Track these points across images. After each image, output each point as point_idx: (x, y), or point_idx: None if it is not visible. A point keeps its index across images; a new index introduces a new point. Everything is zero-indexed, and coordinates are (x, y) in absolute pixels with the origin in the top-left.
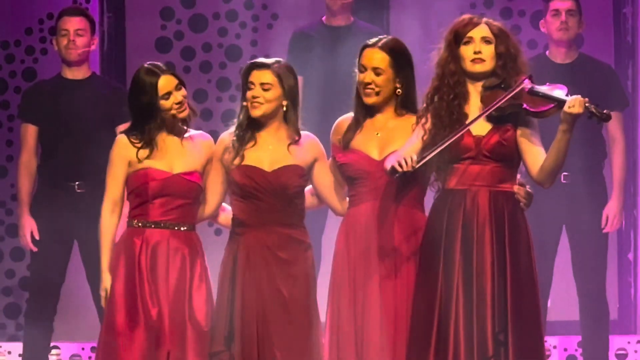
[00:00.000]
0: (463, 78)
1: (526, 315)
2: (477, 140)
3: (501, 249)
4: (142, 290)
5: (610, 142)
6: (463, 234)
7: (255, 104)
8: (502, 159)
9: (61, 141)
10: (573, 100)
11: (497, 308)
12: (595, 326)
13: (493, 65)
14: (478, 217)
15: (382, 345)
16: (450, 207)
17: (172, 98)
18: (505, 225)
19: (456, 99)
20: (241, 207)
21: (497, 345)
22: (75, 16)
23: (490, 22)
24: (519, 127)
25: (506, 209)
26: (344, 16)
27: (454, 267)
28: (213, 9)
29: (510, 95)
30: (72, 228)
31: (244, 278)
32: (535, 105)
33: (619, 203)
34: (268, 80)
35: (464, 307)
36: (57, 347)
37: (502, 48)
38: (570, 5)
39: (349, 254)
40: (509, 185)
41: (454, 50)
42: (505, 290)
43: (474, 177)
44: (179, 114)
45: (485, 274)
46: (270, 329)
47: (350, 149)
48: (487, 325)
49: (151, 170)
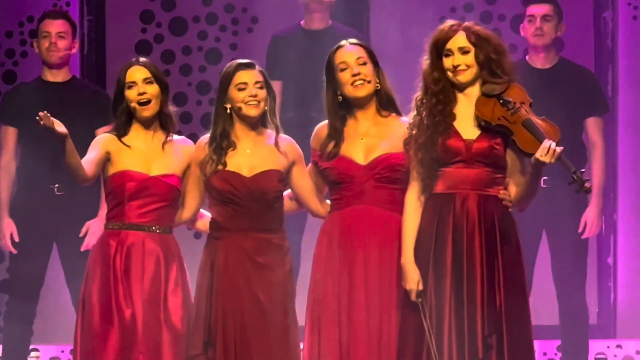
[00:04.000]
0: (448, 84)
1: (517, 318)
2: (467, 144)
3: (491, 253)
4: (116, 292)
5: (591, 147)
6: (453, 238)
7: (253, 103)
8: (491, 163)
9: (41, 144)
10: (547, 149)
11: (487, 311)
12: (575, 330)
13: (475, 72)
14: (468, 220)
15: (369, 348)
16: (441, 211)
17: (135, 89)
18: (496, 229)
19: (439, 103)
20: (220, 212)
21: (486, 349)
22: (57, 19)
23: (469, 28)
24: (509, 145)
25: (496, 213)
26: (322, 20)
27: (446, 271)
28: (193, 12)
29: (506, 124)
30: (52, 230)
31: (221, 283)
32: (522, 143)
33: (598, 208)
34: (260, 79)
35: (455, 310)
36: (37, 350)
37: (481, 56)
38: (546, 10)
39: (332, 257)
40: (497, 190)
41: (436, 60)
42: (495, 293)
43: (463, 180)
44: (140, 107)
45: (476, 277)
46: (248, 334)
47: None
48: (477, 328)
49: (128, 172)
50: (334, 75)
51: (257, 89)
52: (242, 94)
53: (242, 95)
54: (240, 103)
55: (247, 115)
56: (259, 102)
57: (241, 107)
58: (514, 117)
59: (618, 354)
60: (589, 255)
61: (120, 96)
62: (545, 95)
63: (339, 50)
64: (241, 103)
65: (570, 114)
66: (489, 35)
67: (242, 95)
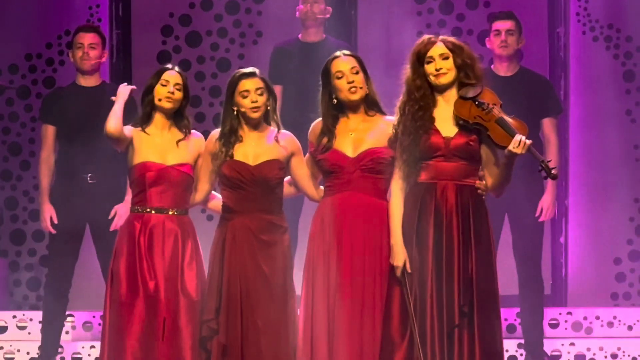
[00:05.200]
0: (429, 91)
1: (487, 290)
2: (446, 140)
3: (466, 234)
4: (141, 266)
5: (546, 143)
6: (434, 221)
7: (254, 108)
8: (467, 157)
9: (76, 139)
10: (518, 142)
11: (462, 284)
12: (532, 300)
13: (455, 75)
14: (447, 206)
15: (352, 308)
16: (424, 198)
17: (167, 88)
18: (470, 214)
19: (421, 109)
20: (229, 196)
21: (462, 316)
22: (89, 32)
23: (446, 39)
24: (483, 141)
25: (471, 200)
26: (317, 34)
27: (428, 250)
28: (206, 27)
29: (481, 122)
30: (85, 213)
31: (230, 257)
32: (497, 138)
33: (553, 195)
34: (260, 85)
35: (436, 283)
36: (72, 315)
37: (459, 60)
38: (510, 25)
39: (324, 236)
40: (472, 180)
41: (418, 69)
42: (469, 269)
43: (442, 172)
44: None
45: (453, 255)
46: (253, 301)
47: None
48: (454, 299)
49: (148, 163)
50: (330, 81)
51: (257, 95)
52: (245, 100)
53: (245, 101)
54: (244, 108)
55: (250, 117)
56: (259, 107)
57: (245, 111)
58: (488, 116)
59: (568, 320)
60: (544, 236)
61: (151, 90)
62: (508, 99)
63: (335, 60)
64: (245, 108)
65: (529, 115)
66: (462, 44)
67: (245, 101)
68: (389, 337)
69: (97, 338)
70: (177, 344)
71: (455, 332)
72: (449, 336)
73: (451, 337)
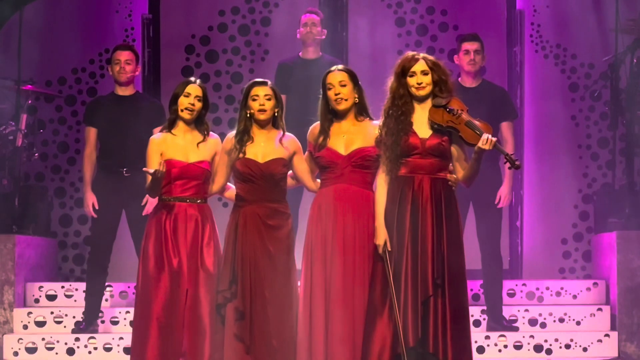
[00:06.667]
0: (409, 99)
1: (456, 265)
2: (422, 141)
3: (439, 219)
4: (166, 246)
5: (504, 143)
6: (412, 208)
7: (261, 110)
8: (440, 155)
9: (114, 139)
10: (485, 140)
11: (435, 261)
12: (493, 273)
13: (431, 89)
14: (422, 196)
15: (344, 282)
16: (403, 188)
17: (189, 100)
18: (442, 202)
19: (402, 114)
20: (242, 188)
21: (435, 287)
22: (125, 50)
23: (427, 57)
24: (454, 141)
25: (443, 191)
26: (315, 52)
27: (405, 232)
28: (222, 46)
29: (453, 125)
30: (121, 201)
31: (242, 238)
32: (467, 137)
33: (509, 186)
34: (269, 92)
35: (412, 260)
36: (110, 286)
37: (436, 76)
38: (476, 46)
39: (321, 220)
40: (444, 174)
41: (401, 80)
42: (441, 248)
43: (419, 167)
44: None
45: (427, 236)
46: (261, 274)
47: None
48: (428, 273)
49: (173, 161)
50: (325, 91)
51: (265, 100)
52: (254, 103)
53: (254, 104)
54: (253, 110)
55: (258, 119)
56: (265, 110)
57: (254, 113)
58: (458, 120)
59: (523, 290)
60: (503, 220)
61: (176, 100)
62: (473, 106)
63: (329, 74)
64: (253, 110)
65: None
66: (439, 63)
67: (255, 104)
68: (372, 304)
69: (131, 305)
70: (197, 310)
71: (430, 301)
72: (424, 304)
73: (426, 305)
